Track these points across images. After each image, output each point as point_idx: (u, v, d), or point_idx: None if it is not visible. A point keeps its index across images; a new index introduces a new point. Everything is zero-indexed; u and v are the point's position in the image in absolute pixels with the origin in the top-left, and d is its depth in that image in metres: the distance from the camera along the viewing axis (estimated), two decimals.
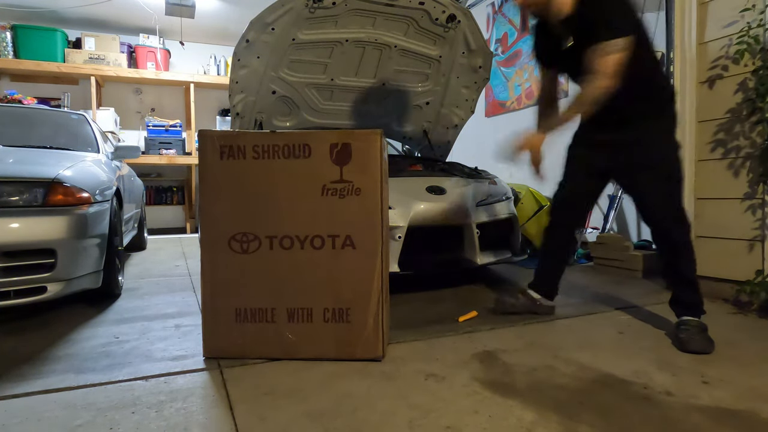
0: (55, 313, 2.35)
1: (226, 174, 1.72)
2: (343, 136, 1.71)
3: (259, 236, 1.71)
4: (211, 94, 6.75)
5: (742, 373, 1.62)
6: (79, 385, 1.54)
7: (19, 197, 2.04)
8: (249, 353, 1.72)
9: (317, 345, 1.71)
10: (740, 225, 2.49)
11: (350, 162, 1.69)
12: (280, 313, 1.71)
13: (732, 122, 2.53)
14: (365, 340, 1.70)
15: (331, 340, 1.71)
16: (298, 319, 1.71)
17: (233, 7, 5.66)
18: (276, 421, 1.31)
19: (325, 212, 1.69)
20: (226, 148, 1.71)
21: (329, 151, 1.69)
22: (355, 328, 1.70)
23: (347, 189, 1.69)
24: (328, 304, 1.71)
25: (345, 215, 1.69)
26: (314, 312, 1.71)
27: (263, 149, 1.70)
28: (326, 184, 1.69)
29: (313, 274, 1.71)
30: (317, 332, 1.71)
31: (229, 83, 2.95)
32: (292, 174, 1.70)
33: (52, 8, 5.55)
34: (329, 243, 1.70)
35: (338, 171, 1.69)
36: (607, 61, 1.74)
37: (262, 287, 1.72)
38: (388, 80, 3.34)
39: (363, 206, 1.69)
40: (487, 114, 5.26)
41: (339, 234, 1.69)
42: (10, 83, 5.97)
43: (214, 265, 1.73)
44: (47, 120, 3.40)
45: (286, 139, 1.70)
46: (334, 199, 1.69)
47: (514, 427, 1.27)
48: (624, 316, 2.30)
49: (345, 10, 2.76)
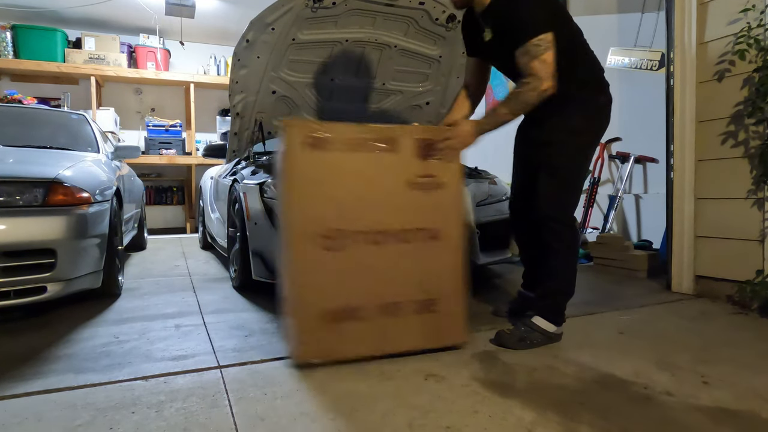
0: (55, 313, 2.35)
1: (315, 167, 1.63)
2: (428, 131, 1.76)
3: (349, 232, 1.66)
4: (211, 94, 6.74)
5: (742, 373, 1.62)
6: (79, 385, 1.54)
7: (19, 197, 2.04)
8: (340, 354, 1.66)
9: (406, 337, 1.73)
10: (740, 225, 2.49)
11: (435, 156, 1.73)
12: (370, 309, 1.69)
13: (732, 122, 2.53)
14: (450, 328, 1.77)
15: (419, 331, 1.73)
16: (389, 314, 1.71)
17: (233, 7, 5.66)
18: (276, 420, 1.31)
19: (411, 206, 1.71)
20: (315, 140, 1.62)
21: (415, 145, 1.70)
22: (442, 317, 1.75)
23: (432, 183, 1.72)
24: (416, 296, 1.73)
25: (430, 209, 1.72)
26: (403, 305, 1.72)
27: (353, 142, 1.66)
28: (412, 178, 1.71)
29: (401, 268, 1.71)
30: (407, 325, 1.72)
31: (229, 83, 2.95)
32: (381, 168, 1.69)
33: (52, 8, 5.55)
34: (416, 236, 1.72)
35: (423, 165, 1.71)
36: (541, 63, 1.69)
37: (352, 285, 1.68)
38: (388, 80, 3.33)
39: (446, 200, 1.74)
40: None
41: (424, 227, 1.72)
42: (10, 83, 5.96)
43: (303, 264, 1.64)
44: (47, 120, 3.41)
45: (375, 132, 1.69)
46: (419, 193, 1.71)
47: (514, 427, 1.27)
48: (624, 316, 2.30)
49: (345, 10, 2.76)
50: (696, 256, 2.71)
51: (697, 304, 2.54)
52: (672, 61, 2.77)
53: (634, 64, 3.75)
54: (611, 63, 3.86)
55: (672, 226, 2.80)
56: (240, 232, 2.78)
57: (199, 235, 4.93)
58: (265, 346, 1.88)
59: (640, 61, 3.72)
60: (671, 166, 2.79)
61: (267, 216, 2.50)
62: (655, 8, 3.45)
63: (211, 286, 3.02)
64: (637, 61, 3.73)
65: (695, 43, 2.67)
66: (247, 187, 2.68)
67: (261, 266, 2.57)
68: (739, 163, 2.50)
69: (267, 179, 2.58)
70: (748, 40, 2.37)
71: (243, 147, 3.38)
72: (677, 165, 2.75)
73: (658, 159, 3.63)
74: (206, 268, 3.64)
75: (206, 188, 4.46)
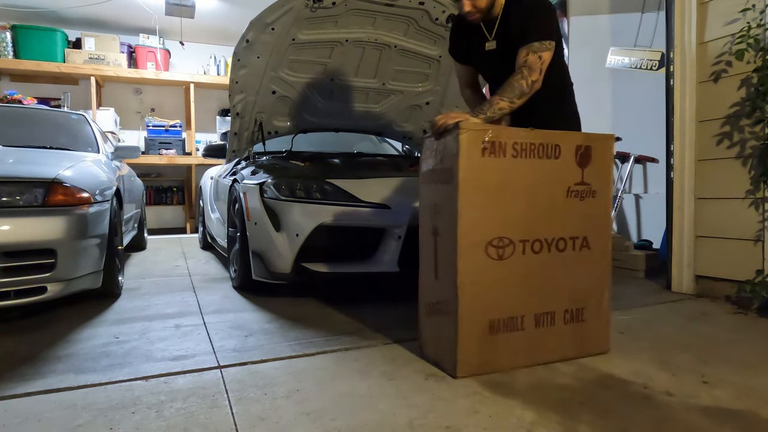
0: (55, 313, 2.35)
1: (488, 173, 1.60)
2: (586, 138, 1.73)
3: (514, 240, 1.65)
4: (211, 94, 6.74)
5: (742, 373, 1.62)
6: (79, 385, 1.54)
7: (20, 197, 2.04)
8: (499, 366, 1.64)
9: (558, 347, 1.73)
10: (740, 225, 2.49)
11: (590, 164, 1.72)
12: (528, 319, 1.68)
13: (732, 122, 2.53)
14: (595, 336, 1.78)
15: (569, 340, 1.74)
16: (544, 324, 1.71)
17: (233, 7, 5.66)
18: (276, 421, 1.31)
19: (568, 214, 1.71)
20: (489, 144, 1.59)
21: (574, 152, 1.70)
22: (589, 326, 1.76)
23: (587, 191, 1.73)
24: (567, 306, 1.74)
25: (583, 217, 1.73)
26: (556, 315, 1.72)
27: (522, 147, 1.65)
28: (570, 185, 1.71)
29: (556, 277, 1.72)
30: (558, 334, 1.72)
31: (229, 83, 2.95)
32: (544, 175, 1.68)
33: (52, 8, 5.55)
34: (570, 245, 1.72)
35: (580, 173, 1.72)
36: (537, 59, 1.78)
37: (514, 294, 1.67)
38: (388, 80, 3.33)
39: (598, 208, 1.74)
40: None
41: (578, 236, 1.73)
42: (10, 83, 5.96)
43: (473, 274, 1.60)
44: (47, 120, 3.40)
45: (541, 137, 1.67)
46: (575, 201, 1.72)
47: (514, 427, 1.27)
48: (624, 316, 2.30)
49: (345, 10, 2.76)
50: (696, 256, 2.71)
51: (697, 304, 2.54)
52: (672, 61, 2.77)
53: (633, 63, 3.76)
54: (611, 63, 3.86)
55: (672, 226, 2.80)
56: (240, 232, 2.78)
57: (199, 235, 4.93)
58: (265, 346, 1.88)
59: (640, 60, 3.72)
60: (671, 166, 2.79)
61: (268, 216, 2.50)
62: (654, 8, 3.45)
63: (211, 286, 3.02)
64: (637, 61, 3.73)
65: (695, 43, 2.67)
66: (247, 187, 2.68)
67: (261, 266, 2.57)
68: (739, 163, 2.50)
69: (267, 179, 2.59)
70: (748, 40, 2.37)
71: (243, 147, 3.39)
72: (677, 165, 2.75)
73: (658, 159, 3.63)
74: (206, 268, 3.64)
75: (206, 188, 4.46)
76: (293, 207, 2.45)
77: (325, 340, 1.96)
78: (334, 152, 3.50)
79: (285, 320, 2.24)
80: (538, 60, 1.77)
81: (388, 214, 2.43)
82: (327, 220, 2.39)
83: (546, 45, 1.79)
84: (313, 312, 2.38)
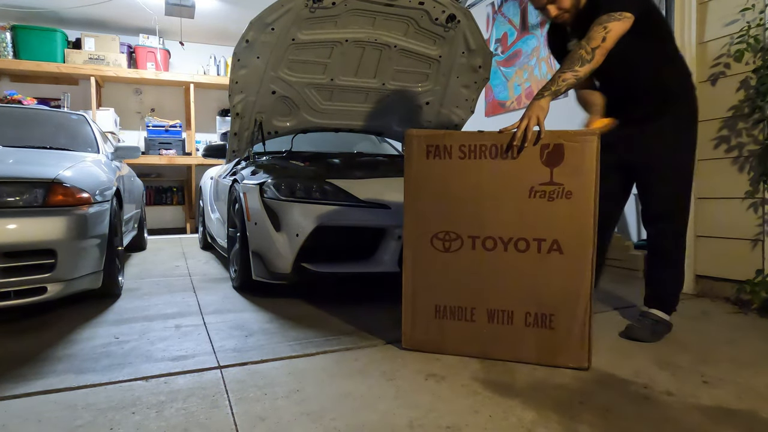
0: (55, 313, 2.35)
1: (431, 173, 1.75)
2: (555, 136, 1.64)
3: (462, 236, 1.73)
4: (211, 94, 6.75)
5: (742, 373, 1.62)
6: (79, 385, 1.54)
7: (20, 197, 2.04)
8: (446, 349, 1.78)
9: (517, 348, 1.72)
10: (740, 224, 2.49)
11: (562, 163, 1.63)
12: (480, 313, 1.74)
13: (732, 122, 2.53)
14: (569, 348, 1.67)
15: (532, 345, 1.70)
16: (498, 321, 1.73)
17: (233, 7, 5.66)
18: (276, 421, 1.31)
19: (531, 215, 1.67)
20: (432, 148, 1.74)
21: (539, 151, 1.66)
22: (559, 334, 1.67)
23: (557, 192, 1.64)
24: (530, 308, 1.70)
25: (553, 219, 1.65)
26: (515, 315, 1.71)
27: (470, 149, 1.70)
28: (534, 185, 1.66)
29: (515, 276, 1.70)
30: (517, 335, 1.71)
31: (229, 83, 2.95)
32: (499, 175, 1.68)
33: (52, 8, 5.55)
34: (534, 246, 1.68)
35: (548, 173, 1.65)
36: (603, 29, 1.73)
37: (462, 286, 1.75)
38: (388, 80, 3.33)
39: (573, 210, 1.63)
40: (487, 114, 5.26)
41: (545, 238, 1.66)
42: (10, 84, 5.97)
43: (416, 261, 1.79)
44: (47, 120, 3.40)
45: (494, 139, 1.68)
46: (542, 202, 1.66)
47: (514, 427, 1.28)
48: (624, 316, 2.30)
49: (345, 10, 2.75)
50: (696, 255, 2.71)
51: (697, 303, 2.54)
52: None
53: None
54: None
55: None
56: (240, 233, 2.78)
57: (199, 235, 4.93)
58: (265, 346, 1.89)
59: None
60: None
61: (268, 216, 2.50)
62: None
63: (211, 286, 3.02)
64: None
65: (695, 42, 2.67)
66: (247, 187, 2.68)
67: (261, 266, 2.57)
68: (739, 163, 2.50)
69: (267, 179, 2.59)
70: (747, 40, 2.37)
71: (243, 147, 3.38)
72: None
73: None
74: (206, 269, 3.64)
75: (206, 188, 4.46)
76: (293, 207, 2.45)
77: (325, 340, 1.96)
78: (334, 152, 3.50)
79: (285, 320, 2.24)
80: (602, 30, 1.73)
81: (388, 214, 2.43)
82: (327, 221, 2.40)
83: (615, 16, 1.73)
84: (313, 312, 2.38)
